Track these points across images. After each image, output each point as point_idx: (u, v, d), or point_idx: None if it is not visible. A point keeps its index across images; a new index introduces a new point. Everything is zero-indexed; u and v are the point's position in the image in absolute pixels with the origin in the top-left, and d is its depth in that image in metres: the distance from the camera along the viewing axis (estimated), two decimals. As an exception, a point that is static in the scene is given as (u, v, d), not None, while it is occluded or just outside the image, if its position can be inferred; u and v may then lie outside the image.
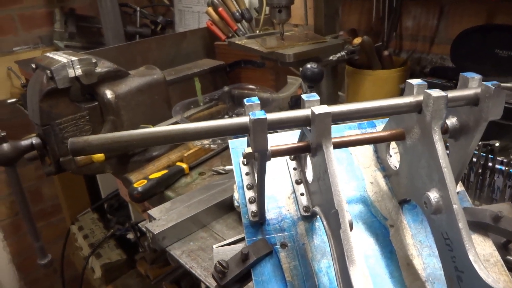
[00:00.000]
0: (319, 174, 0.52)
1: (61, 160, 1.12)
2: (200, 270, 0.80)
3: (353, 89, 1.22)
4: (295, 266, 0.55)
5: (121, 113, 1.15)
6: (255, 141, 0.46)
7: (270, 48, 1.00)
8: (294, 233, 0.57)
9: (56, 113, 1.08)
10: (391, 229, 0.58)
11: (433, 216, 0.50)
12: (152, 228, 0.86)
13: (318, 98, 0.49)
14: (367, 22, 1.43)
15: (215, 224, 0.93)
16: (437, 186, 0.49)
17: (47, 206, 2.58)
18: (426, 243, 0.57)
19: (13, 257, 2.52)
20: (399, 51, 1.39)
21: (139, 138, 0.45)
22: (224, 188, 0.98)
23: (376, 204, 0.60)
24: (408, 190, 0.56)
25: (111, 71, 1.13)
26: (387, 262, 0.55)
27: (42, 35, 2.18)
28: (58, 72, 1.04)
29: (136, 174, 1.12)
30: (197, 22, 1.95)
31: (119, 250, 2.11)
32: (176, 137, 0.46)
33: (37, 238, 1.19)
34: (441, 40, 1.29)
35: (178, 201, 0.96)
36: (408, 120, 0.53)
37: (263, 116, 0.45)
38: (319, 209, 0.54)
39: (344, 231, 0.45)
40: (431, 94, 0.47)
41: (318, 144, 0.48)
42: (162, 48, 1.51)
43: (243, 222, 0.58)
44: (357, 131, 0.68)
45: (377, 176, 0.63)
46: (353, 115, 0.48)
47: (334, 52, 1.04)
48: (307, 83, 0.84)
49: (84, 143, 0.44)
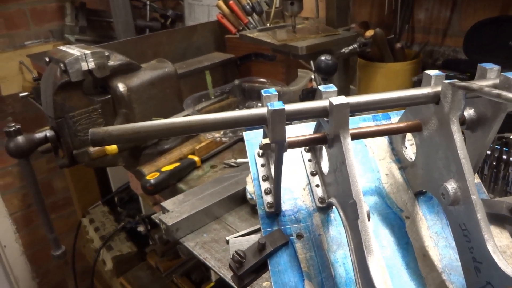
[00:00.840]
0: (336, 165, 0.52)
1: (74, 153, 1.13)
2: (213, 261, 0.81)
3: (364, 82, 1.21)
4: (311, 257, 0.55)
5: (133, 106, 1.16)
6: (273, 132, 0.46)
7: (282, 40, 0.99)
8: (309, 224, 0.57)
9: (70, 106, 1.09)
10: (407, 221, 0.58)
11: (450, 207, 0.49)
12: (166, 219, 0.87)
13: (335, 89, 0.49)
14: (379, 14, 1.42)
15: (228, 216, 0.93)
16: (454, 177, 0.48)
17: (58, 199, 2.61)
18: (442, 234, 0.57)
19: (25, 249, 2.55)
20: (411, 44, 1.38)
21: (159, 129, 0.45)
22: (237, 181, 0.98)
23: (391, 195, 0.60)
24: (424, 181, 0.56)
25: (124, 64, 1.14)
26: (403, 253, 0.55)
27: (53, 29, 2.20)
28: (72, 65, 1.05)
29: (148, 167, 1.13)
30: (207, 16, 1.94)
31: (129, 243, 2.13)
32: (195, 128, 0.46)
33: (51, 230, 1.20)
34: (454, 32, 1.28)
35: (191, 194, 0.97)
36: (425, 112, 0.53)
37: (282, 106, 0.45)
38: (335, 200, 0.54)
39: (362, 221, 0.45)
40: (450, 84, 0.47)
41: (335, 135, 0.48)
42: (172, 42, 1.51)
43: (259, 213, 0.59)
44: (372, 123, 0.67)
45: (392, 168, 0.63)
46: (371, 106, 0.48)
47: (346, 44, 1.04)
48: (321, 76, 0.84)
49: (104, 134, 0.45)
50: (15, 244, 2.50)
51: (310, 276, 0.53)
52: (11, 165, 2.35)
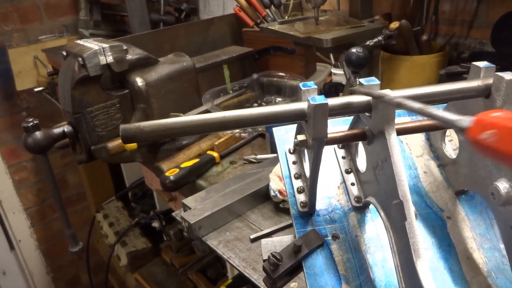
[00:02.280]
0: (376, 162, 0.49)
1: (92, 149, 1.12)
2: (238, 260, 0.78)
3: (388, 75, 1.18)
4: (348, 259, 0.52)
5: (152, 101, 1.13)
6: (314, 128, 0.43)
7: (306, 33, 0.96)
8: (345, 225, 0.55)
9: (88, 101, 1.07)
10: (448, 221, 0.55)
11: (500, 208, 0.46)
12: (188, 217, 0.85)
13: (378, 82, 0.46)
14: (401, 6, 1.38)
15: (251, 214, 0.91)
16: (506, 176, 0.45)
17: (72, 194, 2.61)
18: (487, 236, 0.54)
19: (40, 243, 2.56)
20: (434, 36, 1.34)
21: (193, 125, 0.43)
22: (259, 177, 0.96)
23: (431, 194, 0.57)
24: (468, 180, 0.53)
25: (142, 58, 1.12)
26: (445, 256, 0.52)
27: (67, 23, 2.18)
28: (90, 60, 1.02)
29: (167, 163, 1.11)
30: (222, 9, 1.91)
31: (144, 239, 2.13)
32: (231, 124, 0.44)
33: (69, 226, 1.19)
34: (481, 24, 1.24)
35: (212, 190, 0.95)
36: (472, 106, 0.50)
37: (325, 101, 0.42)
38: (375, 199, 0.51)
39: (409, 223, 0.42)
40: (504, 77, 0.44)
41: (379, 131, 0.45)
42: (189, 35, 1.48)
43: (292, 213, 0.56)
44: (407, 118, 0.64)
45: (431, 165, 0.60)
46: (419, 100, 0.45)
47: (371, 37, 1.01)
48: (351, 68, 0.81)
49: (136, 130, 0.42)
50: (30, 239, 2.51)
51: (348, 279, 0.51)
52: (25, 160, 2.35)
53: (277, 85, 1.36)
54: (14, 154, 2.30)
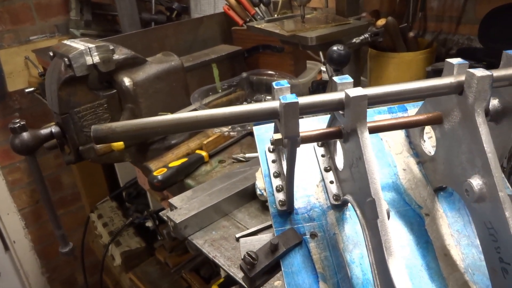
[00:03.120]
0: (352, 160, 0.49)
1: (80, 149, 1.11)
2: (223, 259, 0.78)
3: (376, 73, 1.18)
4: (326, 257, 0.52)
5: (140, 100, 1.13)
6: (286, 127, 0.43)
7: (291, 31, 0.96)
8: (324, 223, 0.55)
9: (75, 102, 1.07)
10: (427, 218, 0.55)
11: (474, 205, 0.47)
12: (174, 217, 0.85)
13: (351, 80, 0.46)
14: (390, 3, 1.38)
15: (237, 213, 0.91)
16: (480, 172, 0.45)
17: (67, 194, 2.61)
18: (464, 232, 0.54)
19: (34, 244, 2.56)
20: (423, 33, 1.34)
21: (165, 125, 0.43)
22: (246, 176, 0.95)
23: (409, 191, 0.57)
24: (445, 177, 0.53)
25: (129, 58, 1.12)
26: (423, 253, 0.52)
27: (58, 23, 2.18)
28: (76, 60, 1.02)
29: (155, 163, 1.11)
30: (213, 8, 1.91)
31: (138, 238, 2.13)
32: (204, 123, 0.44)
33: (58, 227, 1.19)
34: (469, 19, 1.24)
35: (199, 190, 0.95)
36: (446, 103, 0.50)
37: (295, 99, 0.42)
38: (352, 197, 0.51)
39: (381, 221, 0.42)
40: (475, 73, 0.44)
41: (352, 129, 0.45)
42: (179, 35, 1.48)
43: (271, 211, 0.56)
44: (387, 115, 0.64)
45: (410, 162, 0.60)
46: (390, 98, 0.45)
47: (357, 34, 1.00)
48: (333, 67, 0.81)
49: (108, 130, 0.42)
50: (24, 240, 2.50)
51: (325, 277, 0.51)
52: (19, 161, 2.35)
53: (266, 83, 1.36)
54: (7, 155, 2.29)
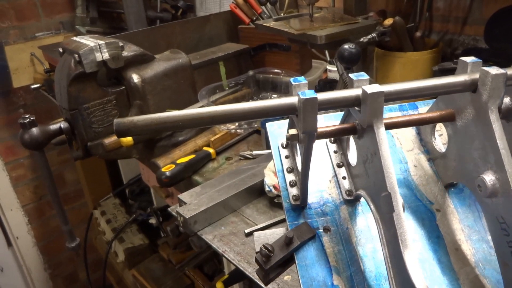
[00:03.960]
0: (366, 156, 0.50)
1: (88, 145, 1.12)
2: (233, 254, 0.79)
3: (382, 72, 1.19)
4: (339, 251, 0.53)
5: (148, 97, 1.14)
6: (304, 121, 0.44)
7: (300, 30, 0.97)
8: (337, 217, 0.56)
9: (84, 98, 1.08)
10: (438, 214, 0.56)
11: (487, 200, 0.48)
12: (184, 212, 0.86)
13: (367, 77, 0.47)
14: (396, 2, 1.38)
15: (245, 209, 0.92)
16: (492, 168, 0.46)
17: (70, 191, 2.62)
18: (475, 227, 0.55)
19: (37, 240, 2.57)
20: (429, 32, 1.35)
21: (186, 119, 0.44)
22: (254, 173, 0.96)
23: (421, 188, 0.58)
24: (456, 173, 0.54)
25: (138, 55, 1.13)
26: (434, 248, 0.53)
27: (64, 20, 2.19)
28: (86, 56, 1.03)
29: (163, 159, 1.12)
30: (219, 6, 1.92)
31: (141, 235, 2.14)
32: (222, 118, 0.44)
33: (65, 222, 1.20)
34: (474, 20, 1.25)
35: (208, 186, 0.96)
36: (459, 100, 0.51)
37: (314, 95, 0.43)
38: (365, 192, 0.52)
39: (397, 214, 0.43)
40: (489, 71, 0.45)
41: (368, 125, 0.46)
42: (185, 32, 1.49)
43: (284, 206, 0.57)
44: (398, 113, 0.65)
45: (421, 159, 0.61)
46: (406, 95, 0.46)
47: (365, 33, 1.01)
48: (344, 65, 0.82)
49: (130, 124, 0.43)
50: (27, 236, 2.51)
51: (339, 270, 0.52)
52: (23, 157, 2.36)
53: (272, 81, 1.37)
54: (11, 151, 2.30)
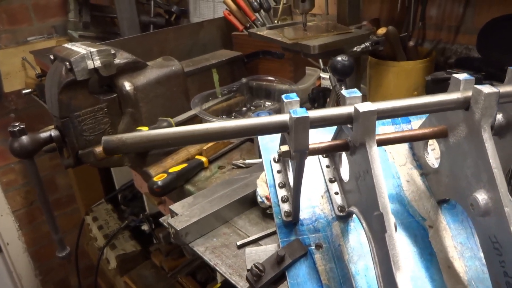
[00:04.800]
0: (359, 173, 0.49)
1: (79, 153, 1.11)
2: (224, 267, 0.78)
3: (376, 81, 1.19)
4: (331, 268, 0.53)
5: (140, 105, 1.13)
6: (296, 140, 0.43)
7: (293, 39, 0.97)
8: (329, 234, 0.55)
9: (75, 105, 1.07)
10: (430, 230, 0.56)
11: (479, 219, 0.47)
12: (175, 224, 0.84)
13: (360, 94, 0.47)
14: (389, 11, 1.39)
15: (238, 220, 0.91)
16: (485, 187, 0.46)
17: (62, 196, 2.59)
18: (468, 244, 0.55)
19: (28, 246, 2.54)
20: (422, 41, 1.35)
21: (176, 137, 0.43)
22: (246, 183, 0.96)
23: (413, 203, 0.58)
24: (449, 189, 0.54)
25: (130, 63, 1.12)
26: (427, 265, 0.53)
27: (56, 24, 2.17)
28: (77, 64, 1.02)
29: (155, 168, 1.10)
30: (212, 12, 1.91)
31: (133, 241, 2.12)
32: (214, 136, 0.44)
33: (56, 231, 1.18)
34: (467, 29, 1.25)
35: (200, 196, 0.95)
36: (452, 117, 0.51)
37: (305, 114, 0.43)
38: (357, 209, 0.52)
39: (389, 235, 0.43)
40: (482, 90, 0.45)
41: (360, 143, 0.46)
42: (179, 39, 1.48)
43: (276, 222, 0.56)
44: (391, 127, 0.65)
45: (414, 174, 0.60)
46: (398, 112, 0.46)
47: (358, 43, 1.01)
48: (337, 77, 0.81)
49: (118, 142, 0.42)
50: (18, 242, 2.48)
51: (331, 288, 0.51)
52: (13, 163, 2.33)
53: (266, 89, 1.36)
54: (2, 156, 2.28)
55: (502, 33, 1.12)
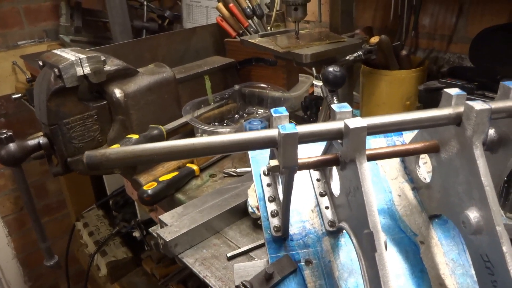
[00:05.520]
0: (349, 189, 0.48)
1: (68, 161, 1.09)
2: (214, 279, 0.77)
3: (368, 89, 1.18)
4: (321, 285, 0.52)
5: (130, 112, 1.12)
6: (284, 156, 0.42)
7: (285, 47, 0.96)
8: (319, 250, 0.54)
9: (64, 113, 1.05)
10: (422, 246, 0.55)
11: (471, 237, 0.46)
12: (164, 235, 0.83)
13: (350, 109, 0.46)
14: (382, 19, 1.39)
15: (228, 231, 0.90)
16: (477, 205, 0.45)
17: (52, 201, 2.56)
18: (459, 261, 0.54)
19: (17, 252, 2.51)
20: (415, 50, 1.35)
21: (162, 152, 0.42)
22: (238, 193, 0.95)
23: (404, 218, 0.57)
24: (441, 205, 0.53)
25: (120, 70, 1.10)
26: (418, 282, 0.52)
27: (48, 29, 2.15)
28: (66, 71, 1.01)
29: (145, 176, 1.09)
30: (206, 17, 1.91)
31: (124, 248, 2.09)
32: (201, 151, 0.43)
33: (43, 239, 1.16)
34: (460, 38, 1.25)
35: (190, 206, 0.93)
36: (443, 132, 0.50)
37: (294, 130, 0.42)
38: (347, 225, 0.51)
39: (379, 255, 0.42)
40: (474, 107, 0.44)
41: (350, 159, 0.45)
42: (171, 45, 1.47)
43: (265, 237, 0.55)
44: (382, 139, 0.64)
45: (405, 188, 0.60)
46: (389, 128, 0.45)
47: (351, 52, 1.01)
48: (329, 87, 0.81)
49: (102, 157, 0.41)
50: (7, 248, 2.45)
51: (320, 306, 0.50)
52: (3, 168, 2.30)
53: (259, 96, 1.35)
54: (-9, 161, 2.25)
55: (495, 43, 1.12)
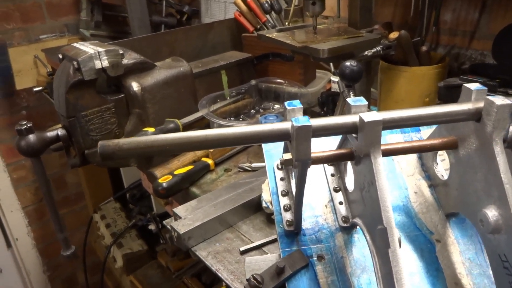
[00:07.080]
0: (363, 184, 0.48)
1: (86, 153, 1.11)
2: (226, 273, 0.77)
3: (386, 85, 1.16)
4: (332, 281, 0.51)
5: (147, 106, 1.12)
6: (297, 150, 0.42)
7: (303, 42, 0.95)
8: (331, 245, 0.54)
9: (82, 105, 1.06)
10: (438, 244, 0.54)
11: (489, 236, 0.45)
12: (178, 227, 0.83)
13: (366, 103, 0.45)
14: (402, 15, 1.36)
15: (242, 225, 0.89)
16: (496, 203, 0.44)
17: (71, 194, 2.61)
18: (476, 261, 0.53)
19: (37, 242, 2.56)
20: (435, 46, 1.33)
21: (173, 143, 0.42)
22: (252, 187, 0.94)
23: (420, 216, 0.56)
24: (458, 203, 0.52)
25: (138, 63, 1.11)
26: (433, 281, 0.51)
27: (68, 23, 2.18)
28: (85, 64, 1.02)
29: (161, 169, 1.10)
30: (224, 12, 1.91)
31: (140, 241, 2.12)
32: (213, 143, 0.43)
33: (61, 230, 1.18)
34: (482, 35, 1.22)
35: (204, 200, 0.93)
36: (462, 128, 0.49)
37: (308, 123, 0.41)
38: (361, 221, 0.50)
39: (393, 251, 0.41)
40: (494, 102, 0.43)
41: (365, 154, 0.44)
42: (188, 39, 1.47)
43: (278, 231, 0.55)
44: (400, 135, 0.63)
45: (422, 185, 0.58)
46: (405, 123, 0.44)
47: (369, 47, 0.99)
48: (345, 82, 0.80)
49: (114, 147, 0.41)
50: (27, 238, 2.51)
51: (332, 302, 0.50)
52: (24, 159, 2.35)
53: (275, 91, 1.35)
54: (12, 152, 2.30)
55: (519, 39, 1.09)
